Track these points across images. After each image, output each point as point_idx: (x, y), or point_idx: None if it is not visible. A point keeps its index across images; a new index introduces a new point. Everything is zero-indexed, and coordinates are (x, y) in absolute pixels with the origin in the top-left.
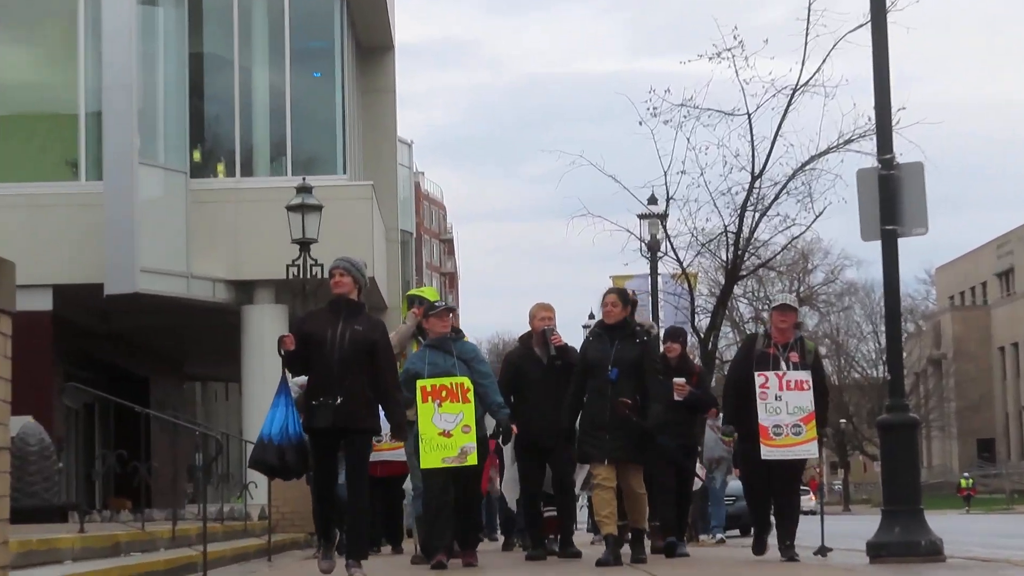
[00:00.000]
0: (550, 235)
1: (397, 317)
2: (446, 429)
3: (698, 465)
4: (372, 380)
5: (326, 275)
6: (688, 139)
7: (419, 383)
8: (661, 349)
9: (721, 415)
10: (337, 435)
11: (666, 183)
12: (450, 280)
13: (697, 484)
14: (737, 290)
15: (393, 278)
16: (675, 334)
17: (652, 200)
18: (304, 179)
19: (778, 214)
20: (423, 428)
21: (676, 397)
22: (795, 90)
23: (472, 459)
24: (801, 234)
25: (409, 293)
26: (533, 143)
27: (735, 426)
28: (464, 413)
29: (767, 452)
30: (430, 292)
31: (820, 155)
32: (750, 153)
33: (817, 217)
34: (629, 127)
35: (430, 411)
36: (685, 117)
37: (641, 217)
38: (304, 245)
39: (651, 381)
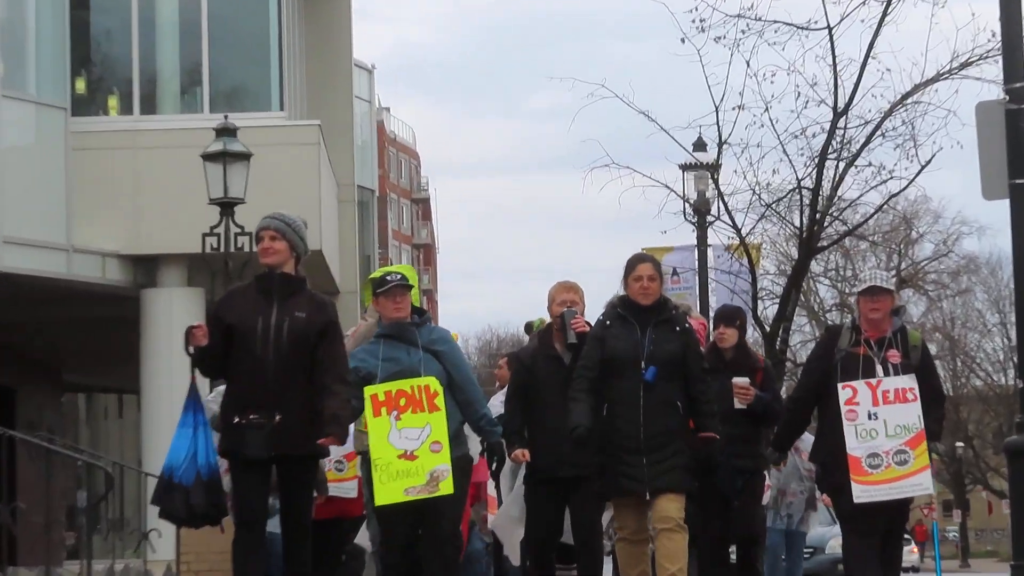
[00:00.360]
0: (561, 194)
1: (352, 306)
2: (408, 449)
3: (765, 500)
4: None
5: (253, 246)
6: (748, 62)
7: (368, 391)
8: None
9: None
10: (272, 466)
11: (718, 122)
12: (425, 254)
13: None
14: (815, 267)
15: (347, 252)
16: (729, 316)
17: (699, 145)
18: (226, 118)
19: (870, 164)
20: (376, 451)
21: (737, 404)
22: None
23: (447, 487)
24: (902, 191)
25: (374, 275)
26: (538, 68)
27: (817, 455)
28: (432, 425)
29: (862, 492)
30: (408, 271)
31: (927, 83)
32: (831, 81)
33: (923, 168)
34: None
35: (385, 427)
36: (743, 33)
37: (684, 168)
38: (226, 207)
39: (697, 384)
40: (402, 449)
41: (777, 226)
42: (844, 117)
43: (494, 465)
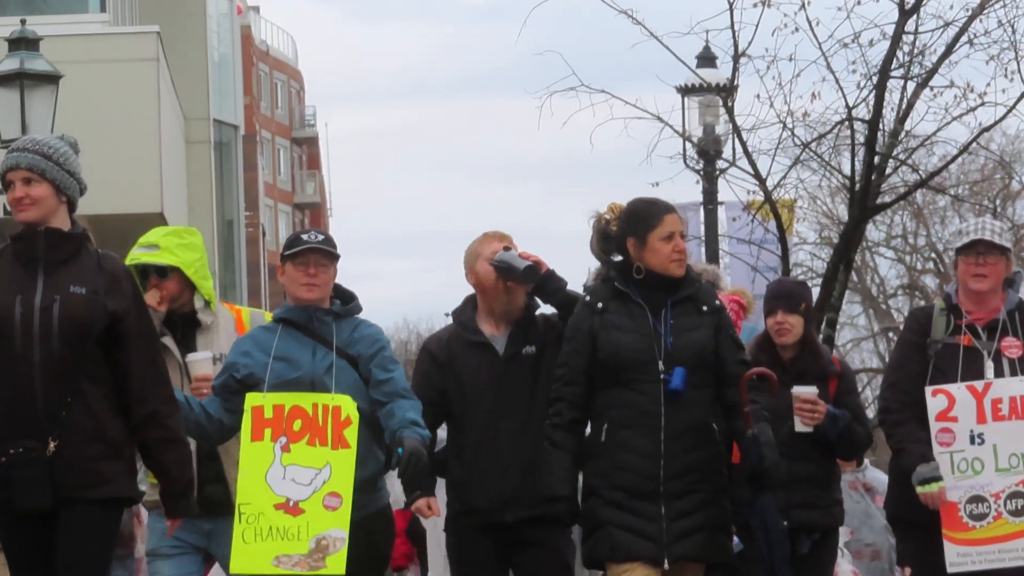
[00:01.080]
0: (506, 129)
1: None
2: (292, 498)
3: (842, 559)
4: (114, 392)
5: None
6: None
7: (252, 400)
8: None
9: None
10: (51, 517)
11: (732, 25)
12: (312, 217)
13: None
14: (874, 233)
15: (200, 214)
16: (790, 296)
17: (706, 59)
18: (23, 24)
19: (952, 84)
20: (244, 492)
21: (799, 426)
22: None
23: (336, 565)
24: (997, 122)
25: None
26: None
27: (891, 501)
28: (333, 467)
29: (957, 559)
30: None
31: None
32: None
33: None
34: None
35: (264, 459)
36: None
37: (685, 92)
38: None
39: (736, 387)
40: (283, 496)
41: (819, 175)
42: (914, 17)
43: (406, 484)
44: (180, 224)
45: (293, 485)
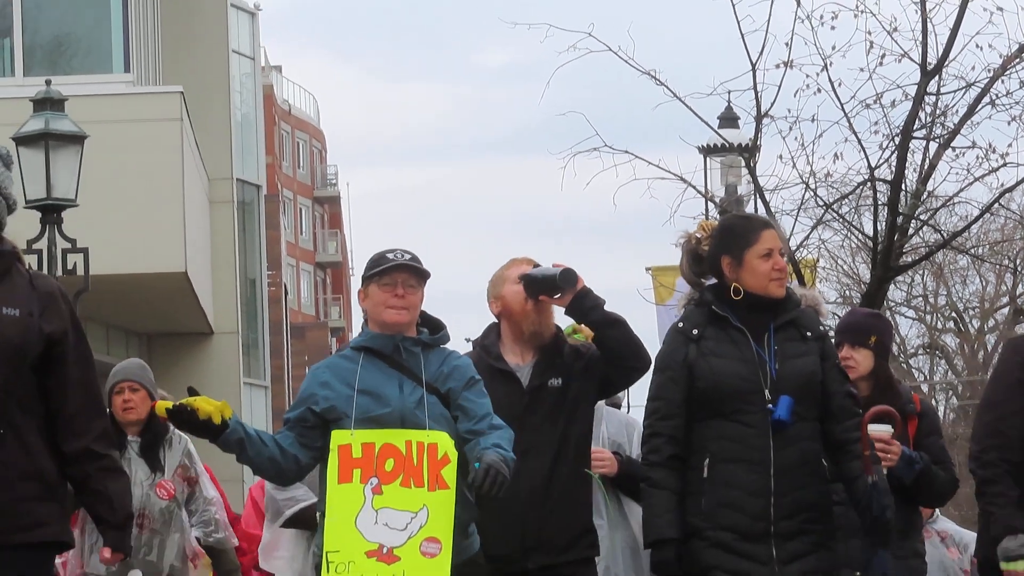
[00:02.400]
0: (528, 189)
1: (230, 352)
2: (386, 544)
3: None
4: (48, 425)
5: (91, 266)
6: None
7: (338, 438)
8: None
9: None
10: None
11: (755, 86)
12: (334, 277)
13: None
14: (895, 293)
15: (223, 274)
16: (858, 330)
17: (728, 120)
18: (49, 84)
19: (974, 145)
20: (332, 539)
21: (873, 475)
22: None
23: None
24: (1020, 183)
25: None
26: (491, 9)
27: (983, 545)
28: (430, 509)
29: None
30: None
31: None
32: (919, 26)
33: None
34: None
35: (354, 502)
36: None
37: (707, 153)
38: (50, 212)
39: (844, 422)
40: (375, 543)
41: (841, 235)
42: (937, 78)
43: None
44: (204, 282)
45: (387, 530)
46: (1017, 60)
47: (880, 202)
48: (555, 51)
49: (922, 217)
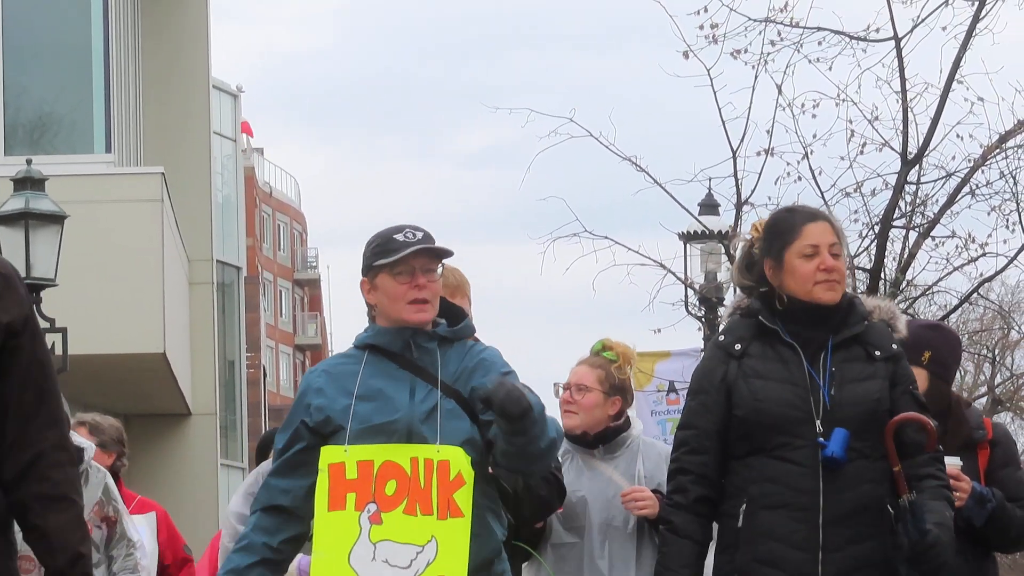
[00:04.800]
0: (506, 275)
1: (208, 432)
2: None
3: None
4: None
5: (70, 346)
6: (779, 87)
7: (328, 456)
8: None
9: None
10: None
11: (735, 173)
12: (313, 359)
13: None
14: None
15: (202, 356)
16: (911, 345)
17: (708, 206)
18: (29, 163)
19: (953, 234)
20: (321, 574)
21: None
22: None
23: None
24: (998, 273)
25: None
26: (471, 93)
27: None
28: (440, 542)
29: None
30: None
31: None
32: (899, 115)
33: None
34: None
35: (349, 531)
36: (773, 45)
37: (687, 239)
38: (30, 291)
39: (921, 458)
40: None
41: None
42: (917, 167)
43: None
44: (183, 363)
45: (387, 568)
46: (997, 150)
47: (859, 290)
48: (536, 136)
49: (901, 306)
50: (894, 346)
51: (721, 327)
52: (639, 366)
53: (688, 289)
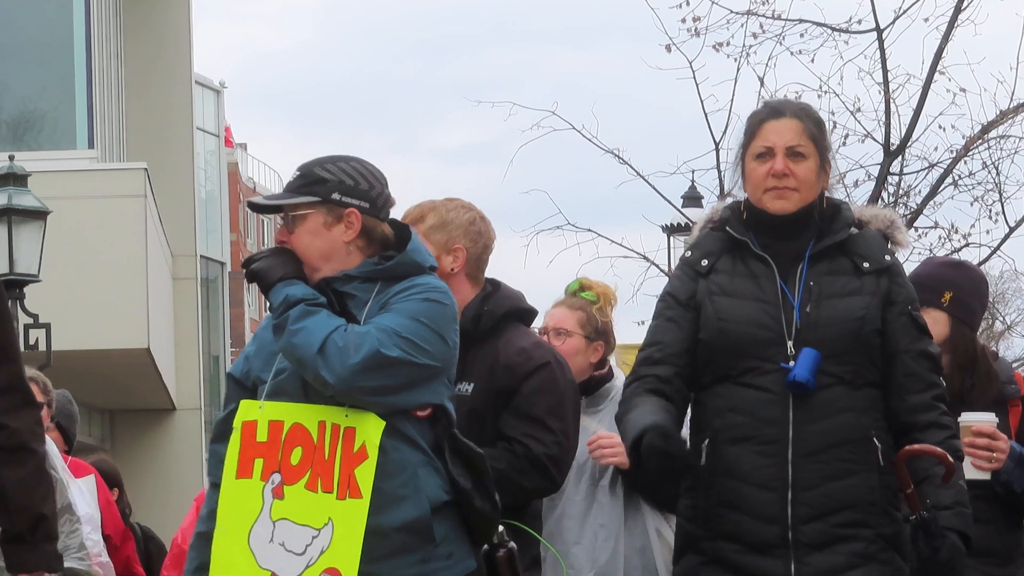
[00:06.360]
0: (492, 267)
1: (194, 429)
2: (278, 572)
3: None
4: None
5: (54, 342)
6: (761, 79)
7: (244, 411)
8: None
9: None
10: None
11: (718, 165)
12: None
13: None
14: None
15: (187, 351)
16: (930, 286)
17: (692, 199)
18: (12, 159)
19: (936, 225)
20: (221, 554)
21: (970, 472)
22: None
23: None
24: (982, 263)
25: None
26: (452, 88)
27: None
28: (336, 527)
29: None
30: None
31: (1019, 109)
32: (882, 107)
33: (1013, 230)
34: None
35: (252, 504)
36: (755, 38)
37: (671, 232)
38: (12, 287)
39: (914, 384)
40: (268, 571)
41: None
42: (900, 158)
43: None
44: (167, 359)
45: (282, 553)
46: (980, 141)
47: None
48: (518, 129)
49: None
50: (887, 257)
51: (689, 242)
52: (623, 358)
53: None
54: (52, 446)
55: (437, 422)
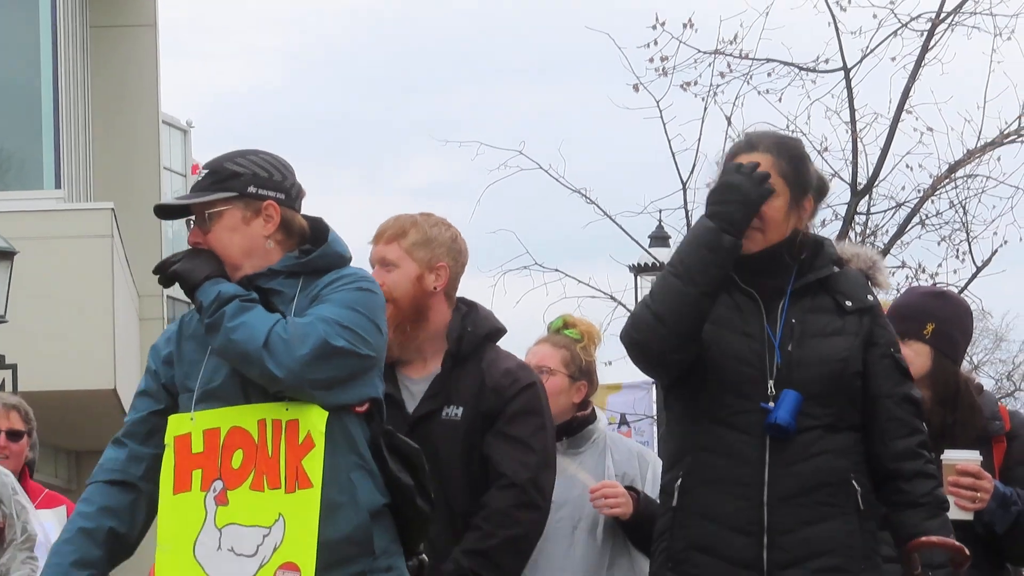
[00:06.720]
0: None
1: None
2: None
3: None
4: None
5: (20, 383)
6: (729, 119)
7: (173, 422)
8: None
9: None
10: None
11: (685, 205)
12: None
13: None
14: None
15: None
16: (906, 318)
17: (659, 238)
18: None
19: (903, 265)
20: (165, 570)
21: (953, 512)
22: (936, 21)
23: None
24: None
25: None
26: (417, 126)
27: None
28: (287, 521)
29: None
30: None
31: (985, 149)
32: (848, 146)
33: (980, 269)
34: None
35: (194, 515)
36: (723, 77)
37: (638, 272)
38: None
39: (897, 429)
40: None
41: None
42: (867, 197)
43: None
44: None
45: (232, 559)
46: (947, 180)
47: None
48: (485, 169)
49: None
50: (869, 297)
51: None
52: (595, 399)
53: None
54: (11, 479)
55: (372, 419)
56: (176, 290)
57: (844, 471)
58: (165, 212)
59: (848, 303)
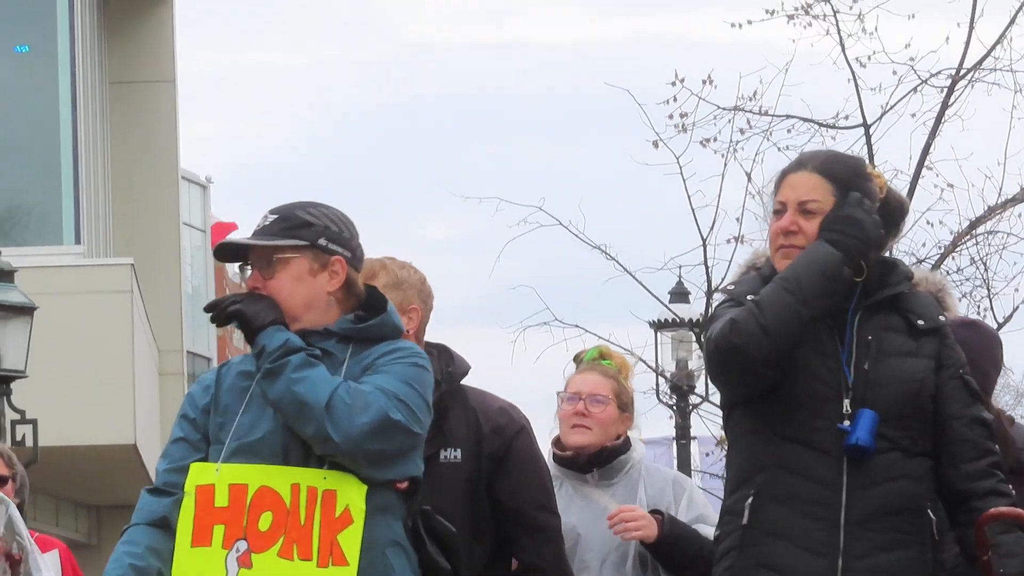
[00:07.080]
0: (475, 364)
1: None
2: None
3: None
4: None
5: (40, 438)
6: (749, 175)
7: (196, 475)
8: None
9: None
10: None
11: (705, 261)
12: None
13: None
14: None
15: None
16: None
17: (679, 295)
18: None
19: None
20: None
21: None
22: (956, 77)
23: None
24: None
25: None
26: (436, 183)
27: None
28: None
29: None
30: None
31: (1007, 205)
32: None
33: (1001, 326)
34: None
35: (210, 573)
36: (743, 133)
37: (658, 328)
38: (0, 383)
39: (966, 453)
40: None
41: None
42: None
43: None
44: (154, 455)
45: None
46: (968, 237)
47: None
48: (505, 225)
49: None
50: (940, 317)
51: (728, 285)
52: None
53: (659, 377)
54: (14, 511)
55: (412, 496)
56: (196, 345)
57: (921, 498)
58: (224, 253)
59: (920, 322)
